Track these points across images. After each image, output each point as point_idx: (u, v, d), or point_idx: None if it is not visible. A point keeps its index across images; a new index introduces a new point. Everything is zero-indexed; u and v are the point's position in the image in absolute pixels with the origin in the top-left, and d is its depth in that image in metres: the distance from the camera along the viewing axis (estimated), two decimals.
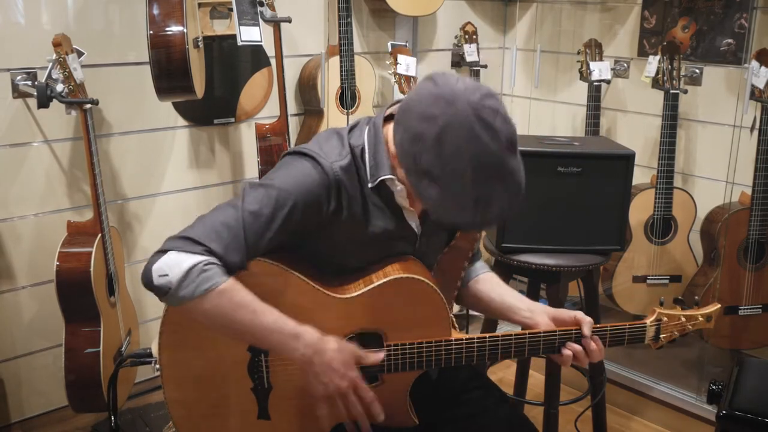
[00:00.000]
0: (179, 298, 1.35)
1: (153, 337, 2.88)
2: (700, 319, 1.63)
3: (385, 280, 1.49)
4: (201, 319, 1.40)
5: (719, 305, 1.64)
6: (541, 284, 2.52)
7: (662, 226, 3.03)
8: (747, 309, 2.87)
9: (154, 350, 1.53)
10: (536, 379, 2.92)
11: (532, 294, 2.53)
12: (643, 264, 3.06)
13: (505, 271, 2.32)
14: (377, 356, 1.48)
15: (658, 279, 3.06)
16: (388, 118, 1.48)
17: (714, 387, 2.12)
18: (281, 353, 1.42)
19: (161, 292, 1.36)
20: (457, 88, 1.30)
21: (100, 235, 2.30)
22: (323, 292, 1.48)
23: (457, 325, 1.65)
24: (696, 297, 1.69)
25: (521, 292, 3.47)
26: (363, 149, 1.47)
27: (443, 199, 1.32)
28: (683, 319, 1.62)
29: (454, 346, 1.52)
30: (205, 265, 1.34)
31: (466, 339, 1.53)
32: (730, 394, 2.04)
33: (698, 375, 2.89)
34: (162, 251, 1.37)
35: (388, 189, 1.47)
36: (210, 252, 1.36)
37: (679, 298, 1.68)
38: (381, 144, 1.45)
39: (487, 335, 1.54)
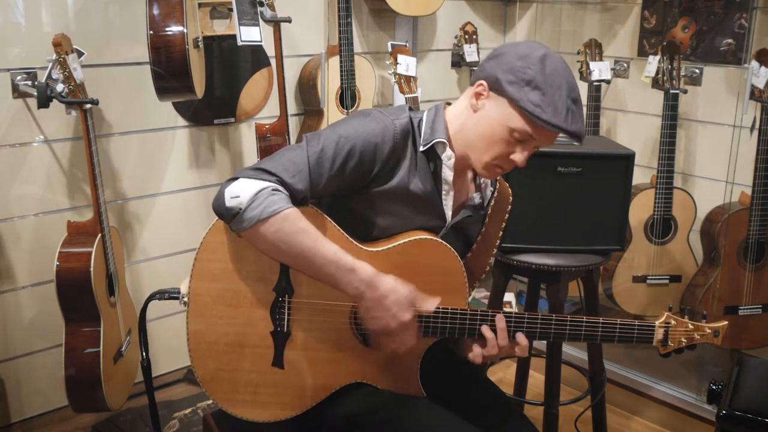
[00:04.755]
0: (247, 219, 1.43)
1: (152, 339, 2.89)
2: (708, 331, 1.61)
3: (409, 239, 1.55)
4: (263, 244, 1.47)
5: (726, 322, 1.63)
6: (541, 284, 2.53)
7: (662, 226, 3.03)
8: (747, 309, 2.87)
9: (183, 289, 1.56)
10: (536, 379, 2.92)
11: (532, 294, 2.53)
12: (643, 264, 3.06)
13: (505, 271, 2.32)
14: (431, 303, 1.53)
15: (658, 279, 3.06)
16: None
17: (714, 387, 2.12)
18: (335, 285, 1.48)
19: (231, 213, 1.44)
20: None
21: (100, 235, 2.30)
22: (353, 242, 1.54)
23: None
24: (705, 312, 1.67)
25: (521, 292, 3.47)
26: (421, 120, 1.59)
27: (547, 102, 1.44)
28: (691, 326, 1.61)
29: (478, 317, 1.55)
30: (273, 190, 1.45)
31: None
32: (730, 394, 2.04)
33: (698, 375, 2.89)
34: (234, 178, 1.47)
35: (438, 158, 1.56)
36: (279, 180, 1.46)
37: (687, 308, 1.67)
38: (440, 117, 1.58)
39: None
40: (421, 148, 1.56)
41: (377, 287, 1.46)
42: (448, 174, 1.57)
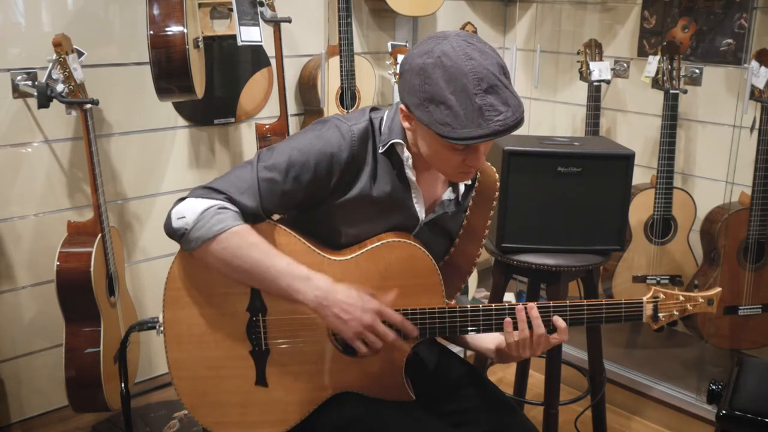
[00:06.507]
0: (194, 239, 1.43)
1: (153, 338, 2.88)
2: (701, 300, 1.57)
3: (377, 244, 1.53)
4: (214, 262, 1.46)
5: (720, 289, 1.59)
6: (541, 284, 2.53)
7: (662, 226, 3.03)
8: (747, 309, 2.87)
9: (161, 319, 1.56)
10: (536, 379, 2.92)
11: (532, 294, 2.53)
12: (643, 264, 3.06)
13: (505, 271, 2.32)
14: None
15: (657, 279, 3.06)
16: None
17: (714, 387, 2.12)
18: (293, 296, 1.45)
19: (178, 233, 1.45)
20: (446, 31, 1.43)
21: (100, 235, 2.30)
22: (319, 253, 1.52)
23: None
24: (696, 282, 1.63)
25: (521, 292, 3.47)
26: (381, 120, 1.55)
27: (453, 116, 1.34)
28: (682, 298, 1.56)
29: (458, 314, 1.52)
30: (220, 208, 1.44)
31: (486, 307, 1.53)
32: (730, 394, 2.04)
33: (698, 375, 2.89)
34: (182, 198, 1.47)
35: (399, 157, 1.53)
36: (227, 198, 1.45)
37: (679, 278, 1.63)
38: (398, 116, 1.52)
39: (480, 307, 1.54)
40: (380, 150, 1.52)
41: (335, 291, 1.43)
42: (410, 174, 1.54)
